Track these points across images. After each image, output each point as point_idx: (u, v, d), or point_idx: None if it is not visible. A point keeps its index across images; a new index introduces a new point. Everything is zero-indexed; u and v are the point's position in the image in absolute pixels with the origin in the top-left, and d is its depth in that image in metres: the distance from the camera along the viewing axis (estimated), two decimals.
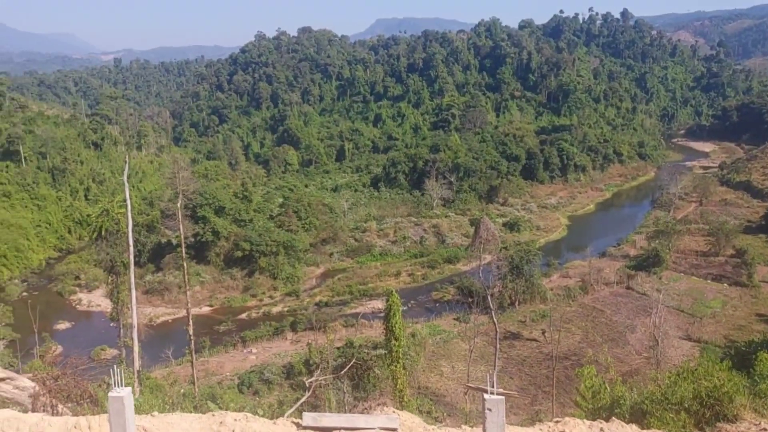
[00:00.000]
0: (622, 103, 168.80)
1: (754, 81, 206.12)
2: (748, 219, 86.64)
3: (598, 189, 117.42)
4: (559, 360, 43.28)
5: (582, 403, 19.46)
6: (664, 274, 67.56)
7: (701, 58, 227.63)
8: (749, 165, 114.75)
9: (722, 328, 53.97)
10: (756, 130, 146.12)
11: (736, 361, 30.32)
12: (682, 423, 13.27)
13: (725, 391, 13.68)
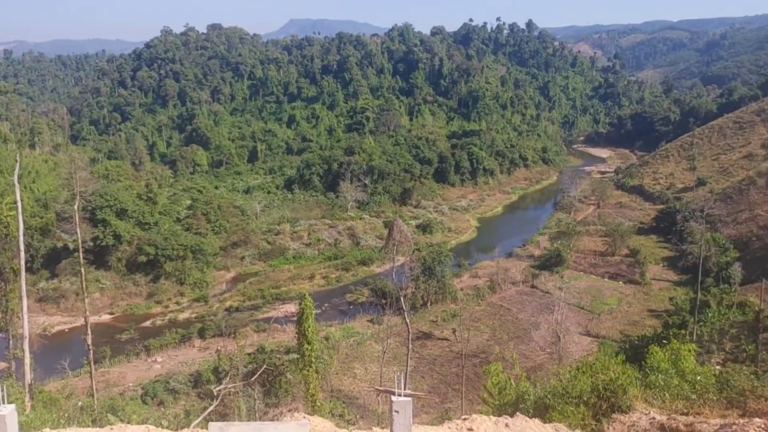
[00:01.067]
0: (527, 110, 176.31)
1: (646, 91, 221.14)
2: (641, 221, 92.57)
3: (505, 192, 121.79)
4: (468, 358, 44.43)
5: (489, 400, 19.98)
6: (565, 273, 71.06)
7: (599, 69, 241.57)
8: (642, 170, 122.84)
9: (618, 323, 57.39)
10: (647, 138, 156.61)
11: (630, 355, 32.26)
12: (581, 415, 13.85)
13: (620, 383, 14.43)
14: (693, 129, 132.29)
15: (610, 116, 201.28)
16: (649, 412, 13.16)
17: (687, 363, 19.80)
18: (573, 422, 13.26)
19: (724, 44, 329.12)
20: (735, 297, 55.12)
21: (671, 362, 19.88)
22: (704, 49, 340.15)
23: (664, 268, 73.04)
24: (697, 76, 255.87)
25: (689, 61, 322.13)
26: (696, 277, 55.53)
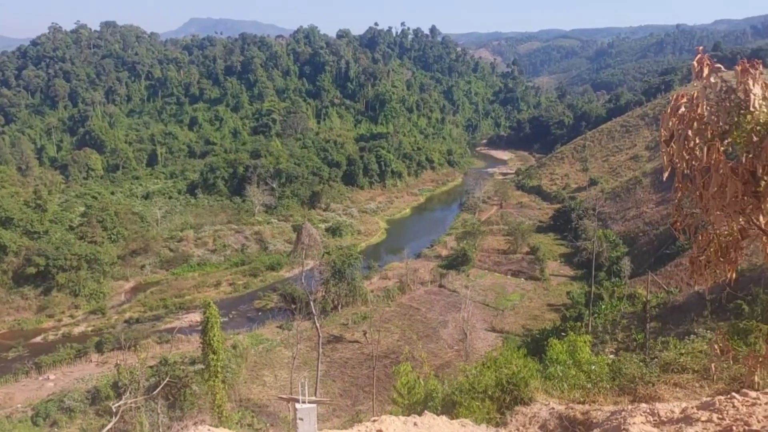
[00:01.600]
0: (432, 114, 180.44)
1: (542, 97, 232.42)
2: (540, 220, 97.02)
3: (413, 194, 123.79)
4: (379, 359, 44.63)
5: (399, 400, 20.06)
6: (471, 271, 73.18)
7: (499, 74, 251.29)
8: (540, 171, 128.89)
9: (521, 318, 59.75)
10: (544, 141, 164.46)
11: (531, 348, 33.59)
12: (487, 410, 14.16)
13: (522, 377, 14.89)
14: (585, 132, 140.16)
15: (510, 120, 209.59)
16: (548, 402, 13.63)
17: (583, 354, 20.81)
18: (479, 417, 13.50)
19: (611, 53, 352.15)
20: (625, 289, 58.87)
21: (569, 353, 20.82)
22: (594, 57, 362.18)
23: (561, 264, 76.87)
24: (588, 83, 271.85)
25: (581, 68, 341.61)
26: (590, 271, 58.92)
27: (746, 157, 5.63)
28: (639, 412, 6.65)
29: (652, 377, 14.90)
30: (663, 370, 15.74)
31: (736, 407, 6.24)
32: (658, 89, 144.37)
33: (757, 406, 6.21)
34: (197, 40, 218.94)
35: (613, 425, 6.62)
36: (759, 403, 6.33)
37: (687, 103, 6.07)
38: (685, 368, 15.30)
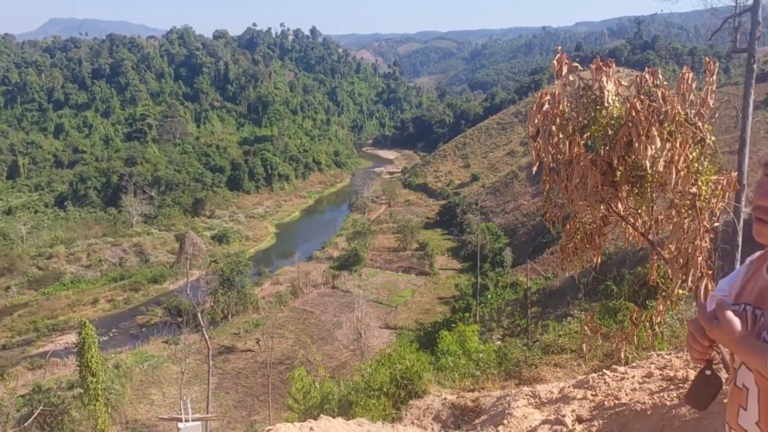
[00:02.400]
0: (317, 115, 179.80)
1: (423, 97, 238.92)
2: (427, 216, 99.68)
3: (301, 196, 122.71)
4: (273, 366, 43.83)
5: (294, 406, 19.77)
6: (363, 271, 73.80)
7: (381, 75, 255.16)
8: (425, 169, 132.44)
9: (413, 313, 61.08)
10: (428, 139, 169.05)
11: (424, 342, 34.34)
12: (383, 406, 14.27)
13: (415, 370, 15.17)
14: (465, 130, 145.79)
15: (394, 120, 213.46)
16: (441, 393, 13.98)
17: (472, 343, 21.60)
18: (375, 414, 13.56)
19: (485, 53, 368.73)
20: (508, 278, 62.01)
21: (459, 344, 21.51)
22: (469, 58, 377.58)
23: (449, 258, 79.46)
24: (465, 83, 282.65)
25: (458, 69, 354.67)
26: (475, 263, 61.48)
27: (603, 150, 6.06)
28: (521, 396, 6.98)
29: (535, 360, 15.70)
30: (544, 352, 16.66)
31: (607, 383, 6.70)
32: (528, 88, 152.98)
33: (625, 380, 6.70)
34: (59, 41, 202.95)
35: (499, 410, 6.90)
36: (627, 377, 6.83)
37: (550, 101, 6.42)
38: (564, 348, 16.30)
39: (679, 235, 5.51)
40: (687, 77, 5.75)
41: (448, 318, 45.66)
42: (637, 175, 5.76)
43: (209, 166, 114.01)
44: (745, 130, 13.80)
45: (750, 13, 16.33)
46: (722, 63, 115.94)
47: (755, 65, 16.43)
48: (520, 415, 6.40)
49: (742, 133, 13.72)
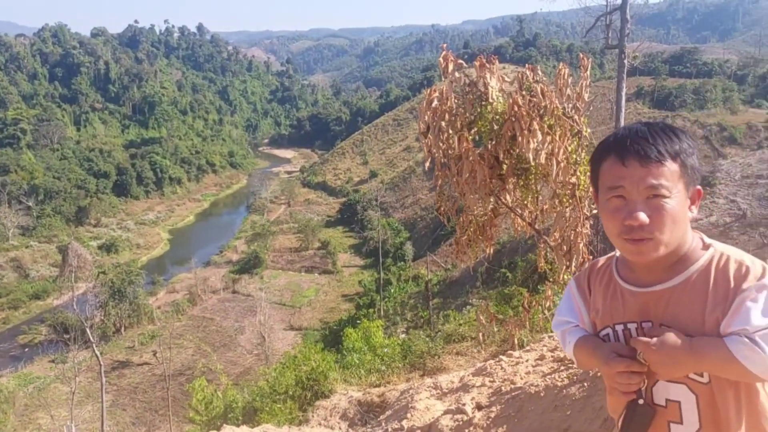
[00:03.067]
0: (209, 115, 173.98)
1: (319, 94, 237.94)
2: (328, 214, 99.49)
3: (195, 200, 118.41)
4: (173, 378, 42.05)
5: (196, 418, 19.04)
6: (264, 273, 72.45)
7: (274, 73, 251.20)
8: (323, 168, 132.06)
9: (318, 313, 60.76)
10: (325, 138, 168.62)
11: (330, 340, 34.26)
12: (289, 410, 14.07)
13: (321, 371, 15.08)
14: (362, 127, 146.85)
15: (290, 118, 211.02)
16: (347, 391, 13.98)
17: (377, 338, 21.77)
18: (281, 419, 13.36)
19: (378, 51, 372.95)
20: (410, 271, 63.20)
21: (364, 340, 21.62)
22: (363, 55, 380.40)
23: (351, 255, 79.78)
24: (360, 80, 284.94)
25: (352, 66, 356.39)
26: (378, 259, 62.14)
27: (490, 144, 6.27)
28: (424, 388, 7.11)
29: (438, 350, 16.08)
30: (446, 341, 17.10)
31: (503, 368, 6.95)
32: (421, 84, 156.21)
33: (520, 365, 6.99)
34: None
35: (403, 404, 6.99)
36: (521, 362, 7.13)
37: (438, 97, 6.55)
38: (464, 337, 16.83)
39: (561, 224, 5.80)
40: (563, 73, 6.06)
41: (353, 315, 45.84)
42: (522, 168, 6.01)
43: (92, 172, 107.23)
44: (619, 121, 14.84)
45: (619, 11, 17.59)
46: (597, 59, 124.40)
47: (626, 60, 17.72)
48: (423, 408, 6.50)
49: (617, 124, 14.73)
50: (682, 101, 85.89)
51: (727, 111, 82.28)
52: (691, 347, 1.59)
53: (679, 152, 1.62)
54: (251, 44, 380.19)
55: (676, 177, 1.62)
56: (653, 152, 1.60)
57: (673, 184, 1.61)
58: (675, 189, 1.61)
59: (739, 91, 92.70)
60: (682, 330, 1.64)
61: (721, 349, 1.56)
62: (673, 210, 1.61)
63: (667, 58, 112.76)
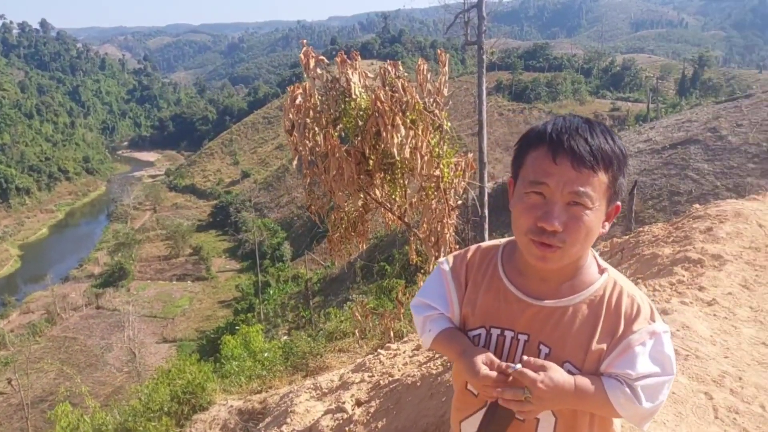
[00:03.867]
0: (59, 118, 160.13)
1: (181, 93, 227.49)
2: (199, 218, 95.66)
3: (48, 211, 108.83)
4: (34, 405, 38.54)
5: None
6: (132, 285, 68.19)
7: (131, 71, 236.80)
8: (191, 169, 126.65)
9: (193, 322, 58.25)
10: (191, 138, 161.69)
11: (207, 350, 32.99)
12: (165, 427, 13.34)
13: (197, 383, 14.44)
14: (230, 126, 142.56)
15: (151, 119, 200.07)
16: (227, 401, 13.52)
17: (257, 343, 21.26)
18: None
19: (243, 47, 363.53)
20: (289, 272, 62.46)
21: (243, 346, 21.04)
22: (227, 52, 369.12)
23: (226, 260, 77.36)
24: (225, 77, 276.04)
25: (216, 63, 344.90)
26: (255, 261, 60.77)
27: (356, 140, 6.26)
28: (304, 390, 6.99)
29: (320, 349, 15.99)
30: (328, 339, 17.07)
31: (382, 362, 7.00)
32: (290, 81, 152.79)
33: (397, 357, 7.07)
34: None
35: (282, 409, 6.82)
36: (399, 353, 7.22)
37: (302, 94, 6.43)
38: (346, 333, 16.89)
39: (429, 216, 5.93)
40: (422, 68, 6.18)
41: (231, 321, 44.46)
42: (388, 163, 6.06)
43: None
44: (482, 114, 15.51)
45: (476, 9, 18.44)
46: (459, 55, 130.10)
47: (485, 56, 18.60)
48: (303, 410, 6.39)
49: (480, 117, 15.39)
50: (537, 94, 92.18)
51: (577, 102, 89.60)
52: (575, 388, 1.51)
53: (612, 164, 1.49)
54: (103, 41, 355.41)
55: (602, 189, 1.49)
56: (588, 157, 1.45)
57: (597, 196, 1.48)
58: (598, 202, 1.49)
59: (586, 83, 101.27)
60: (562, 354, 1.57)
61: (600, 394, 1.52)
62: (590, 223, 1.49)
63: (521, 54, 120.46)
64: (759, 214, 6.84)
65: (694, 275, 5.22)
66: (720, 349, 3.79)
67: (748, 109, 40.98)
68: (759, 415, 3.09)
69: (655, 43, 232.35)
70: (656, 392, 1.51)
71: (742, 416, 3.06)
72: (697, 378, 3.33)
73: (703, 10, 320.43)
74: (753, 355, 3.80)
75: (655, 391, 1.51)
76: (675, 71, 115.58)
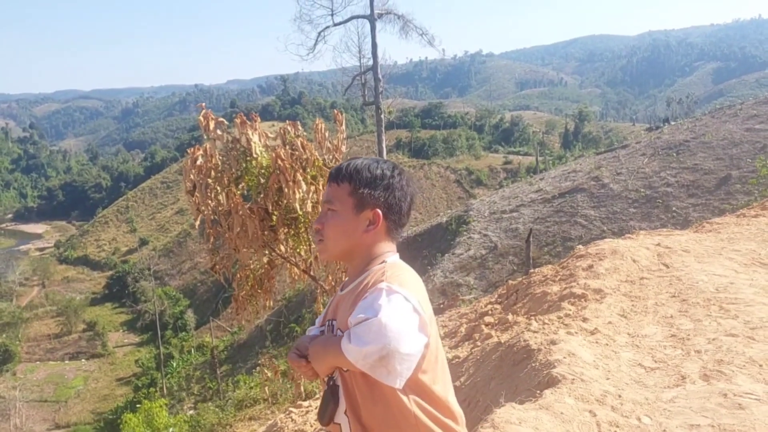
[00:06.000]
0: None
1: (72, 160, 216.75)
2: (93, 291, 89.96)
3: None
4: None
5: None
6: (18, 368, 62.42)
7: (15, 140, 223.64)
8: (84, 240, 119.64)
9: (89, 404, 53.88)
10: (83, 207, 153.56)
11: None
12: None
13: None
14: (126, 193, 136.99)
15: (38, 189, 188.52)
16: None
17: (161, 419, 20.09)
18: None
19: (138, 112, 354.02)
20: (193, 341, 59.73)
21: (146, 424, 19.79)
22: (121, 117, 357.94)
23: (125, 333, 72.89)
24: (120, 142, 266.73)
25: (109, 129, 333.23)
26: (156, 332, 57.62)
27: (259, 197, 6.37)
28: None
29: (229, 419, 15.38)
30: (237, 408, 16.44)
31: (294, 420, 6.93)
32: (189, 144, 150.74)
33: (310, 413, 7.03)
34: None
35: None
36: (311, 409, 7.18)
37: (203, 155, 6.50)
38: (256, 400, 16.36)
39: (333, 267, 6.09)
40: (320, 127, 6.47)
41: (132, 399, 41.62)
42: (291, 218, 6.21)
43: None
44: None
45: (372, 71, 19.29)
46: (358, 114, 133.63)
47: (383, 115, 19.39)
48: None
49: None
50: (435, 150, 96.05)
51: (472, 157, 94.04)
52: (322, 346, 1.90)
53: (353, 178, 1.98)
54: None
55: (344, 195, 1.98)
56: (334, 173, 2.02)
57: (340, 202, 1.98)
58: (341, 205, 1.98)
59: (479, 139, 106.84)
60: (338, 324, 1.94)
61: (336, 345, 1.84)
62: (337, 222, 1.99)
63: (418, 113, 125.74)
64: (633, 250, 7.56)
65: (579, 308, 5.69)
66: (602, 372, 4.16)
67: (626, 158, 44.80)
68: (636, 426, 3.44)
69: (539, 100, 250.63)
70: (363, 333, 1.74)
71: (622, 429, 3.39)
72: (582, 398, 3.65)
73: (579, 70, 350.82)
74: (631, 375, 4.20)
75: (362, 333, 1.74)
76: (559, 126, 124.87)
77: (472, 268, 37.68)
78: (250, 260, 6.43)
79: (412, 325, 1.78)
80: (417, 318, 1.81)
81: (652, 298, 5.95)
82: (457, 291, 32.60)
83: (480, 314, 7.47)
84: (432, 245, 41.95)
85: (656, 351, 4.63)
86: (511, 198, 45.84)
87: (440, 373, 1.93)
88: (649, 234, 9.48)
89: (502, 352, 4.96)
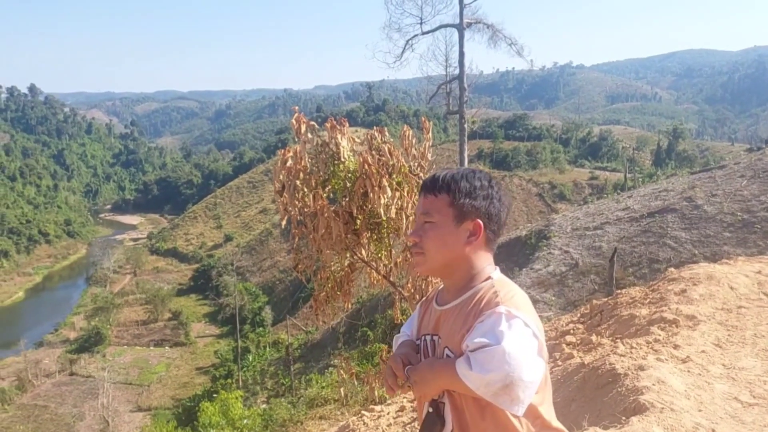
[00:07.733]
0: (41, 181, 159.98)
1: (167, 157, 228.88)
2: (180, 282, 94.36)
3: (26, 274, 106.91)
4: None
5: None
6: (107, 350, 66.43)
7: (117, 136, 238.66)
8: (174, 233, 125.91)
9: (169, 390, 56.51)
10: (175, 201, 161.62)
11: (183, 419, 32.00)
12: None
13: None
14: (215, 190, 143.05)
15: (135, 183, 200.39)
16: None
17: (236, 410, 20.76)
18: None
19: (230, 113, 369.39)
20: (269, 338, 61.40)
21: (222, 414, 20.51)
22: (214, 118, 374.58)
23: (206, 324, 75.96)
24: (212, 142, 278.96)
25: (203, 129, 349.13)
26: (235, 326, 59.73)
27: (344, 201, 6.49)
28: None
29: (300, 416, 15.66)
30: (309, 406, 16.73)
31: (366, 423, 6.97)
32: (276, 146, 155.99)
33: (382, 418, 7.05)
34: None
35: None
36: (383, 415, 7.19)
37: (293, 157, 6.69)
38: (327, 400, 16.59)
39: (413, 274, 6.09)
40: (408, 134, 6.50)
41: (209, 388, 43.29)
42: (375, 223, 6.27)
43: None
44: None
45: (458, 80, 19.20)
46: (441, 123, 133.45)
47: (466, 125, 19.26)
48: None
49: None
50: (517, 162, 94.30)
51: (556, 170, 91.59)
52: (433, 368, 1.86)
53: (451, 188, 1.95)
54: (91, 106, 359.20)
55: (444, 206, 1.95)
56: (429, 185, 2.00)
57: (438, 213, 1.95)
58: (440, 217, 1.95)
59: (564, 153, 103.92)
60: (444, 342, 1.92)
61: (452, 368, 1.80)
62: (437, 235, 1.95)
63: (502, 123, 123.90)
64: (730, 277, 7.10)
65: (670, 334, 5.40)
66: (694, 402, 3.92)
67: (722, 180, 42.22)
68: None
69: (630, 115, 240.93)
70: (485, 361, 1.70)
71: None
72: (672, 429, 3.45)
73: (675, 85, 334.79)
74: (726, 410, 3.94)
75: (485, 360, 1.70)
76: (650, 142, 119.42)
77: (551, 285, 36.63)
78: (332, 262, 6.54)
79: (532, 351, 1.76)
80: (536, 343, 1.79)
81: (750, 329, 5.57)
82: (535, 307, 31.74)
83: (561, 333, 7.25)
84: (509, 258, 41.12)
85: (755, 385, 4.32)
86: (596, 215, 44.17)
87: (547, 393, 1.90)
88: (748, 260, 8.88)
89: (585, 374, 4.78)
